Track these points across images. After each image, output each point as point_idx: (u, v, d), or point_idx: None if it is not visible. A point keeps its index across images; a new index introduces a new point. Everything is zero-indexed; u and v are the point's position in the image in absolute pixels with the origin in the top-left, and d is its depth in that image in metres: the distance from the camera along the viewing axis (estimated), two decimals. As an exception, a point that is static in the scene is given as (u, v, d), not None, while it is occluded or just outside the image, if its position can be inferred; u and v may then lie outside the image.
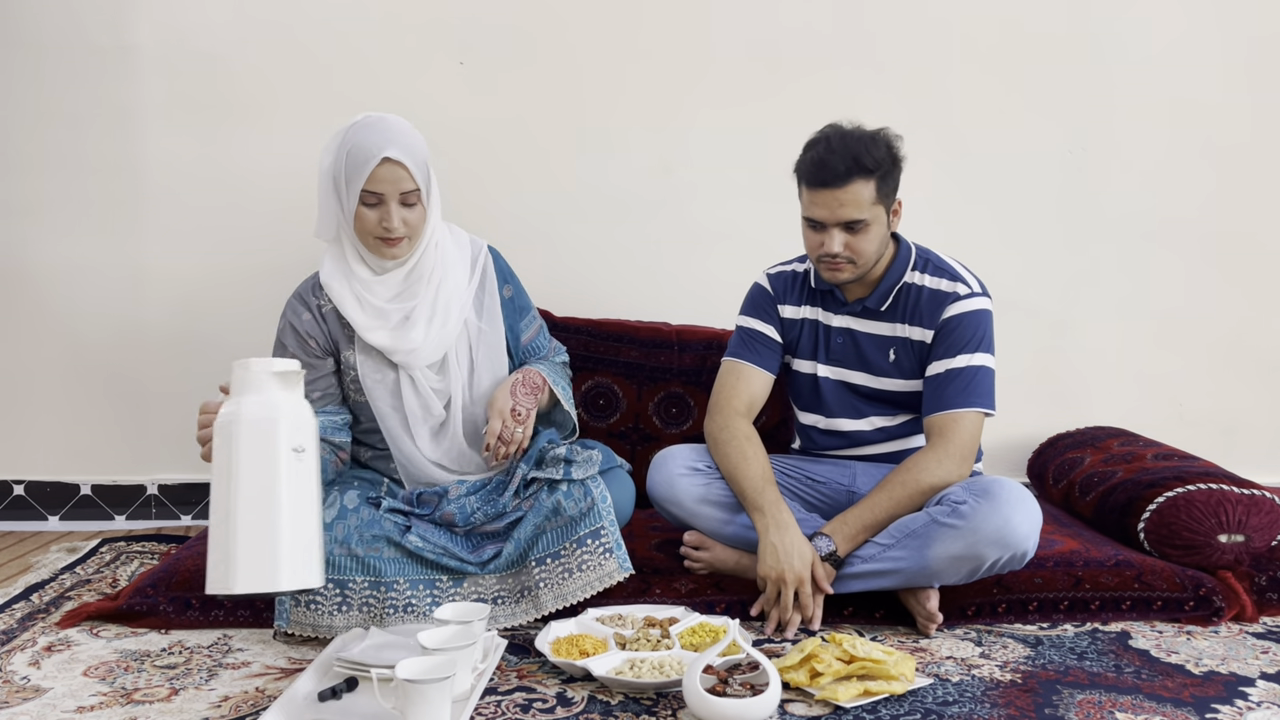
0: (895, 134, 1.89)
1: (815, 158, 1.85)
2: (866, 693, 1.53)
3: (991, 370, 1.91)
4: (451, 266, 1.90)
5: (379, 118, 1.79)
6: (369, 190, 1.75)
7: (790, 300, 2.06)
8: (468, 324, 1.92)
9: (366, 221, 1.78)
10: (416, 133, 1.82)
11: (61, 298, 2.61)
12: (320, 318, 1.89)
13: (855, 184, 1.83)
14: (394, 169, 1.75)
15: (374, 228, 1.78)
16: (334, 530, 1.77)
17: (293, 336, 1.89)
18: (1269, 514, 2.00)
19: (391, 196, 1.76)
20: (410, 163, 1.76)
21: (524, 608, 1.81)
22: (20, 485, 2.65)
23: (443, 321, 1.86)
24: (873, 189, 1.84)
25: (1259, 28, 2.74)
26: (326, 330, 1.90)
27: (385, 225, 1.77)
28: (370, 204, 1.77)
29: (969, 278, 1.95)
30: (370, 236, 1.80)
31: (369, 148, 1.74)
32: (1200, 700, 1.57)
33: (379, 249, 1.81)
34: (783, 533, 1.81)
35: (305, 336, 1.89)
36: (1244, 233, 2.79)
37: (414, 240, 1.84)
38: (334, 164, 1.79)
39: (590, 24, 2.64)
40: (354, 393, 1.92)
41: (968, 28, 2.70)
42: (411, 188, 1.77)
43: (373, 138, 1.75)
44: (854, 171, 1.82)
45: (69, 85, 2.56)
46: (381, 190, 1.75)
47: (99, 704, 1.52)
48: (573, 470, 1.85)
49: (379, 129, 1.76)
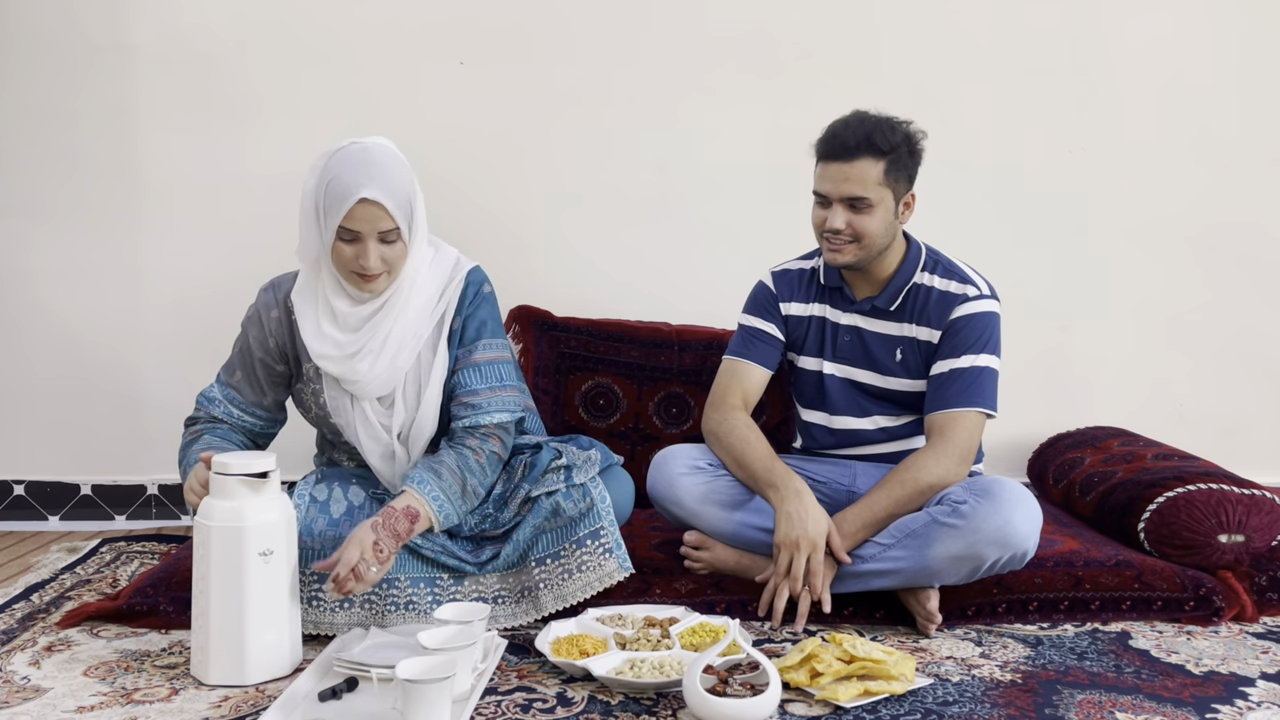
0: (920, 130, 1.91)
1: (831, 131, 1.89)
2: (866, 693, 1.53)
3: (995, 372, 1.91)
4: (419, 297, 1.80)
5: (361, 149, 1.71)
6: (345, 228, 1.68)
7: (797, 297, 2.07)
8: (421, 358, 1.82)
9: (343, 257, 1.72)
10: (400, 164, 1.74)
11: (61, 298, 2.61)
12: (289, 322, 1.84)
13: (863, 160, 1.85)
14: (371, 209, 1.68)
15: (350, 263, 1.72)
16: (340, 527, 1.77)
17: (256, 329, 1.85)
18: (1269, 514, 2.00)
19: (369, 235, 1.69)
20: (389, 202, 1.68)
21: (524, 608, 1.81)
22: (20, 485, 2.65)
23: (392, 356, 1.77)
24: (881, 170, 1.85)
25: (1253, 25, 2.74)
26: (291, 337, 1.84)
27: (362, 263, 1.70)
28: (347, 240, 1.70)
29: (979, 280, 1.96)
30: (348, 272, 1.74)
31: (348, 184, 1.67)
32: (1200, 700, 1.57)
33: (356, 283, 1.75)
34: (799, 499, 1.80)
35: (267, 334, 1.84)
36: (1245, 233, 2.79)
37: (393, 275, 1.76)
38: (315, 190, 1.72)
39: (590, 24, 2.64)
40: (314, 407, 1.88)
41: (967, 29, 2.69)
42: (390, 226, 1.70)
43: (353, 174, 1.67)
44: (864, 148, 1.84)
45: (67, 85, 2.56)
46: (358, 229, 1.68)
47: (99, 704, 1.52)
48: (573, 473, 1.85)
49: (360, 164, 1.68)
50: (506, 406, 1.84)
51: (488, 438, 1.81)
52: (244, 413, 1.87)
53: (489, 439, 1.81)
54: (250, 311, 1.87)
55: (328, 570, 1.66)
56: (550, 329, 2.52)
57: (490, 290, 1.90)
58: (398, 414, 1.82)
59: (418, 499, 1.72)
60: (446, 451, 1.78)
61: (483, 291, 1.87)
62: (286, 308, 1.84)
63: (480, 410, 1.81)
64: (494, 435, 1.82)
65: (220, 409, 1.86)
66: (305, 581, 1.74)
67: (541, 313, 2.55)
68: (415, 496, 1.72)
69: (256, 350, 1.85)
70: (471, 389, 1.82)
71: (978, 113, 2.71)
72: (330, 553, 1.74)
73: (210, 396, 1.87)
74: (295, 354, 1.85)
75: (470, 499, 1.78)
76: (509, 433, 1.86)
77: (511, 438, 1.87)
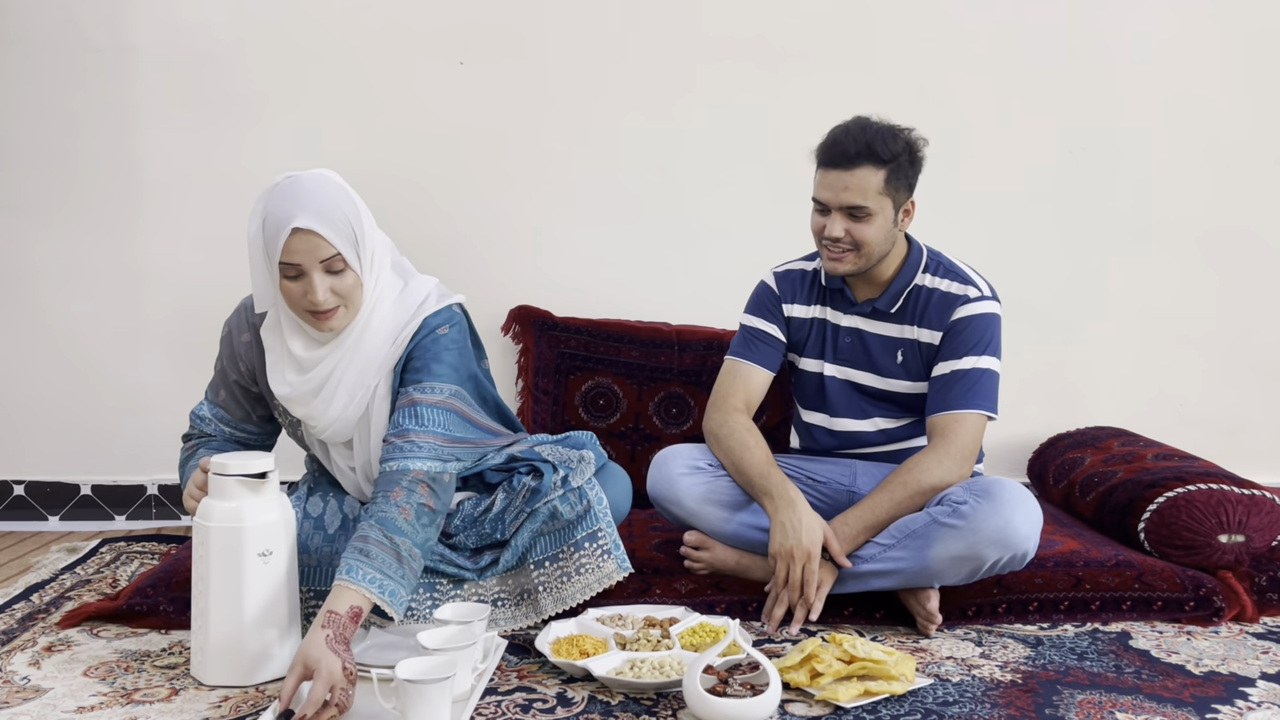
0: (921, 136, 1.90)
1: (831, 138, 1.89)
2: (867, 693, 1.53)
3: (996, 374, 1.91)
4: (369, 345, 1.71)
5: (293, 181, 1.63)
6: (285, 263, 1.60)
7: (799, 299, 2.07)
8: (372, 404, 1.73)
9: (292, 295, 1.64)
10: (337, 189, 1.65)
11: (61, 298, 2.61)
12: (258, 348, 1.78)
13: (863, 169, 1.84)
14: (307, 238, 1.59)
15: (300, 300, 1.63)
16: (337, 543, 1.77)
17: (228, 349, 1.82)
18: (1269, 514, 2.00)
19: (311, 266, 1.60)
20: (324, 228, 1.59)
21: (524, 611, 1.81)
22: (20, 485, 2.65)
23: (344, 404, 1.70)
24: (881, 179, 1.85)
25: (1256, 24, 2.74)
26: (262, 363, 1.78)
27: (310, 299, 1.61)
28: (291, 276, 1.62)
29: (980, 281, 1.95)
30: (302, 311, 1.66)
31: (280, 218, 1.59)
32: (1200, 700, 1.57)
33: (312, 322, 1.66)
34: (791, 510, 1.80)
35: (238, 357, 1.80)
36: (1245, 233, 2.79)
37: (351, 309, 1.67)
38: (257, 232, 1.64)
39: (590, 24, 2.64)
40: (289, 426, 1.86)
41: (967, 27, 2.69)
42: (330, 254, 1.60)
43: (284, 206, 1.60)
44: (864, 156, 1.84)
45: (67, 85, 2.56)
46: (298, 260, 1.60)
47: (99, 704, 1.52)
48: (569, 477, 1.83)
49: (290, 195, 1.60)
50: (437, 454, 1.67)
51: (414, 488, 1.62)
52: (234, 430, 1.86)
53: (415, 489, 1.62)
54: (224, 330, 1.83)
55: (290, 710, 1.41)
56: (550, 329, 2.52)
57: (449, 332, 1.74)
58: (358, 455, 1.79)
59: (357, 592, 1.51)
60: (367, 520, 1.59)
61: (437, 334, 1.73)
62: (257, 333, 1.78)
63: (404, 454, 1.65)
64: (422, 484, 1.63)
65: (212, 427, 1.85)
66: (303, 598, 1.73)
67: (541, 313, 2.55)
68: (352, 590, 1.51)
69: (230, 372, 1.82)
70: (402, 428, 1.67)
71: (978, 112, 2.71)
72: (328, 568, 1.74)
73: (201, 415, 1.86)
74: (265, 380, 1.78)
75: (410, 564, 1.58)
76: (440, 485, 1.66)
77: (447, 493, 1.69)
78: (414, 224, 2.48)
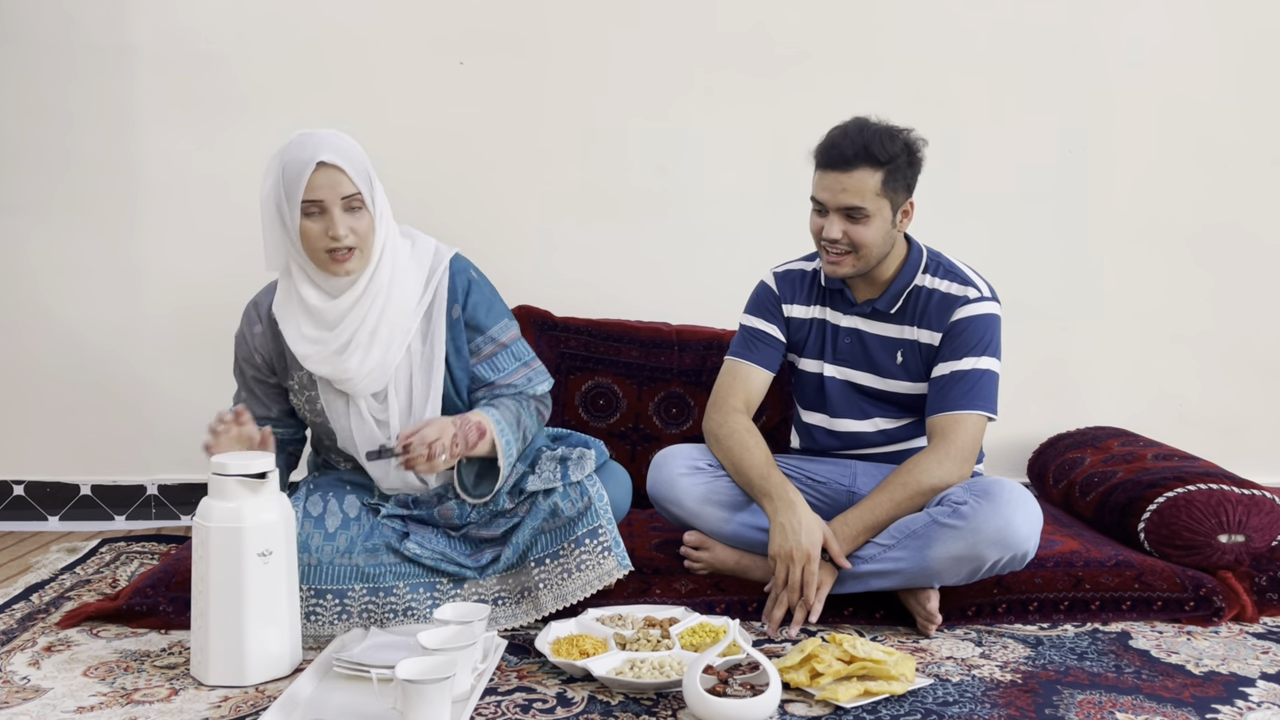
0: (920, 137, 1.90)
1: (829, 139, 1.88)
2: (867, 693, 1.53)
3: (996, 375, 1.91)
4: (402, 286, 1.80)
5: (310, 132, 1.73)
6: (309, 200, 1.68)
7: (799, 300, 2.07)
8: (411, 350, 1.82)
9: (311, 236, 1.70)
10: (354, 142, 1.75)
11: (61, 298, 2.61)
12: (273, 335, 1.84)
13: (861, 171, 1.84)
14: (330, 173, 1.68)
15: (320, 240, 1.70)
16: (336, 541, 1.78)
17: (243, 347, 1.88)
18: (1269, 514, 2.00)
19: (333, 203, 1.69)
20: (347, 166, 1.70)
21: (524, 609, 1.81)
22: (20, 485, 2.65)
23: (383, 350, 1.77)
24: (878, 180, 1.85)
25: (1253, 26, 2.74)
26: (279, 349, 1.84)
27: (331, 235, 1.69)
28: (312, 214, 1.69)
29: (980, 282, 1.95)
30: (320, 253, 1.71)
31: (302, 158, 1.68)
32: (1200, 700, 1.57)
33: (329, 265, 1.72)
34: (791, 511, 1.80)
35: (253, 350, 1.86)
36: (1244, 233, 2.79)
37: (365, 253, 1.75)
38: (274, 186, 1.72)
39: (591, 24, 2.64)
40: (310, 414, 1.88)
41: (966, 29, 2.69)
42: (352, 191, 1.70)
43: (305, 149, 1.69)
44: (861, 158, 1.84)
45: (67, 84, 2.56)
46: (321, 196, 1.68)
47: (99, 704, 1.52)
48: (570, 471, 1.84)
49: (310, 141, 1.70)
50: (544, 376, 1.94)
51: (528, 404, 1.89)
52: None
53: (530, 404, 1.90)
54: (236, 333, 1.89)
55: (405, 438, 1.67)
56: (550, 329, 2.52)
57: (479, 272, 1.91)
58: (392, 408, 1.81)
59: (485, 418, 1.77)
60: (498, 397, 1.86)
61: (473, 277, 1.89)
62: (270, 321, 1.84)
63: (518, 386, 1.90)
64: (537, 400, 1.92)
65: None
66: (302, 597, 1.74)
67: (541, 313, 2.55)
68: (482, 416, 1.77)
69: (247, 369, 1.88)
70: (509, 371, 1.90)
71: (977, 113, 2.71)
72: (328, 567, 1.75)
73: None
74: (284, 365, 1.86)
75: (521, 437, 1.83)
76: (546, 402, 1.95)
77: (548, 408, 1.95)
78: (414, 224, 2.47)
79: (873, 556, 1.82)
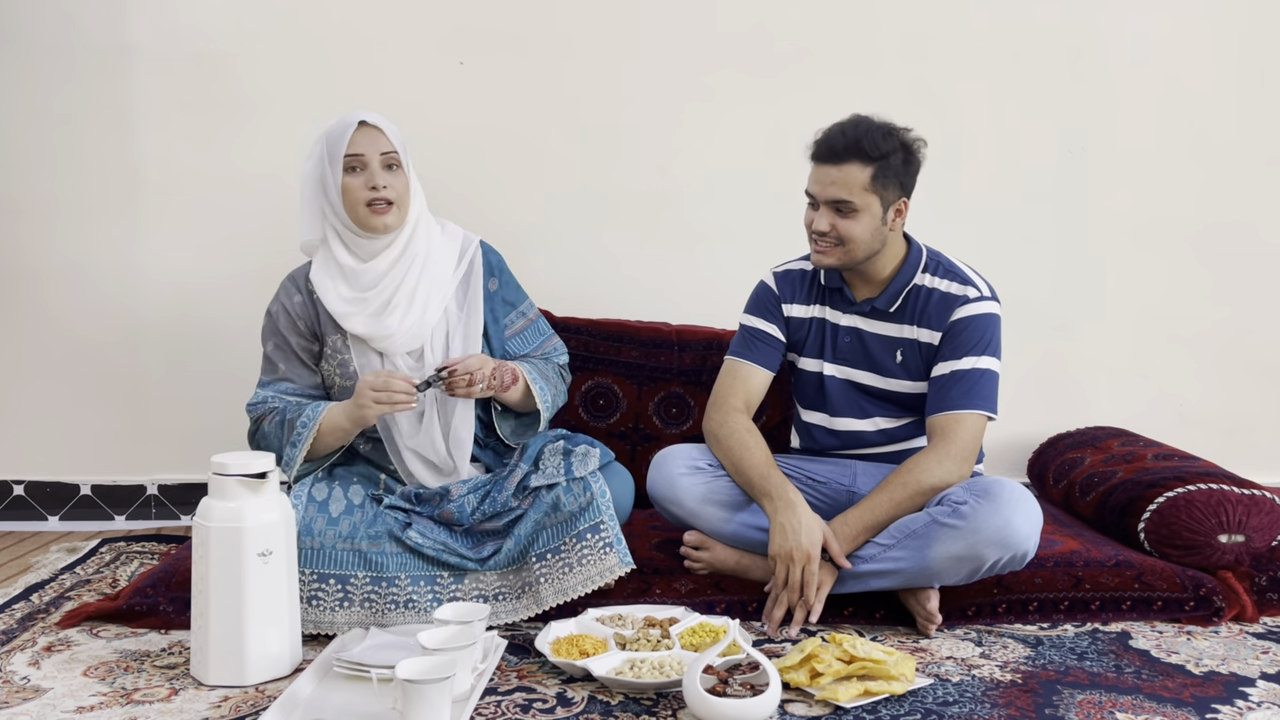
0: (919, 138, 1.91)
1: (823, 134, 1.91)
2: (866, 693, 1.53)
3: (996, 374, 1.91)
4: (437, 254, 1.94)
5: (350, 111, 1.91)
6: (351, 155, 1.84)
7: (798, 299, 2.07)
8: (448, 313, 1.94)
9: (352, 190, 1.84)
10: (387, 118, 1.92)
11: (61, 298, 2.61)
12: (311, 302, 1.94)
13: (850, 165, 1.86)
14: (370, 131, 1.86)
15: (360, 192, 1.84)
16: (339, 526, 1.79)
17: (284, 317, 1.94)
18: (1269, 514, 2.00)
19: (372, 157, 1.85)
20: (386, 129, 1.88)
21: (525, 603, 1.82)
22: (20, 485, 2.65)
23: (421, 309, 1.89)
24: (868, 175, 1.86)
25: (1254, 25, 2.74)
26: (316, 315, 1.94)
27: (371, 186, 1.83)
28: (353, 170, 1.85)
29: (979, 282, 1.96)
30: (360, 206, 1.84)
31: (346, 121, 1.86)
32: (1200, 700, 1.57)
33: (369, 220, 1.85)
34: (791, 511, 1.80)
35: (295, 318, 1.94)
36: (1244, 233, 2.79)
37: (402, 211, 1.88)
38: (317, 160, 1.88)
39: (590, 24, 2.64)
40: (340, 378, 1.93)
41: (966, 30, 2.69)
42: (391, 149, 1.87)
43: (348, 116, 1.88)
44: (851, 153, 1.85)
45: (67, 85, 2.56)
46: (362, 151, 1.84)
47: (99, 704, 1.52)
48: (573, 467, 1.85)
49: (351, 113, 1.89)
50: (564, 348, 2.12)
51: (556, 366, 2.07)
52: (302, 397, 1.93)
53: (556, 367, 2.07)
54: (274, 307, 1.96)
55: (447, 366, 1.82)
56: (550, 329, 2.52)
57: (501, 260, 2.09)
58: (430, 366, 1.90)
59: (518, 366, 1.94)
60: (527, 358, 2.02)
61: (502, 259, 2.07)
62: (308, 289, 1.94)
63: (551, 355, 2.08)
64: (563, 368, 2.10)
65: (277, 402, 1.90)
66: (304, 581, 1.74)
67: (541, 312, 2.54)
68: (516, 365, 1.94)
69: (291, 336, 1.94)
70: (536, 345, 2.06)
71: (977, 113, 2.71)
72: (330, 551, 1.76)
73: (260, 398, 1.92)
74: (320, 331, 1.95)
75: (550, 389, 1.99)
76: (568, 376, 2.12)
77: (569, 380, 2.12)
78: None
79: (873, 556, 1.82)
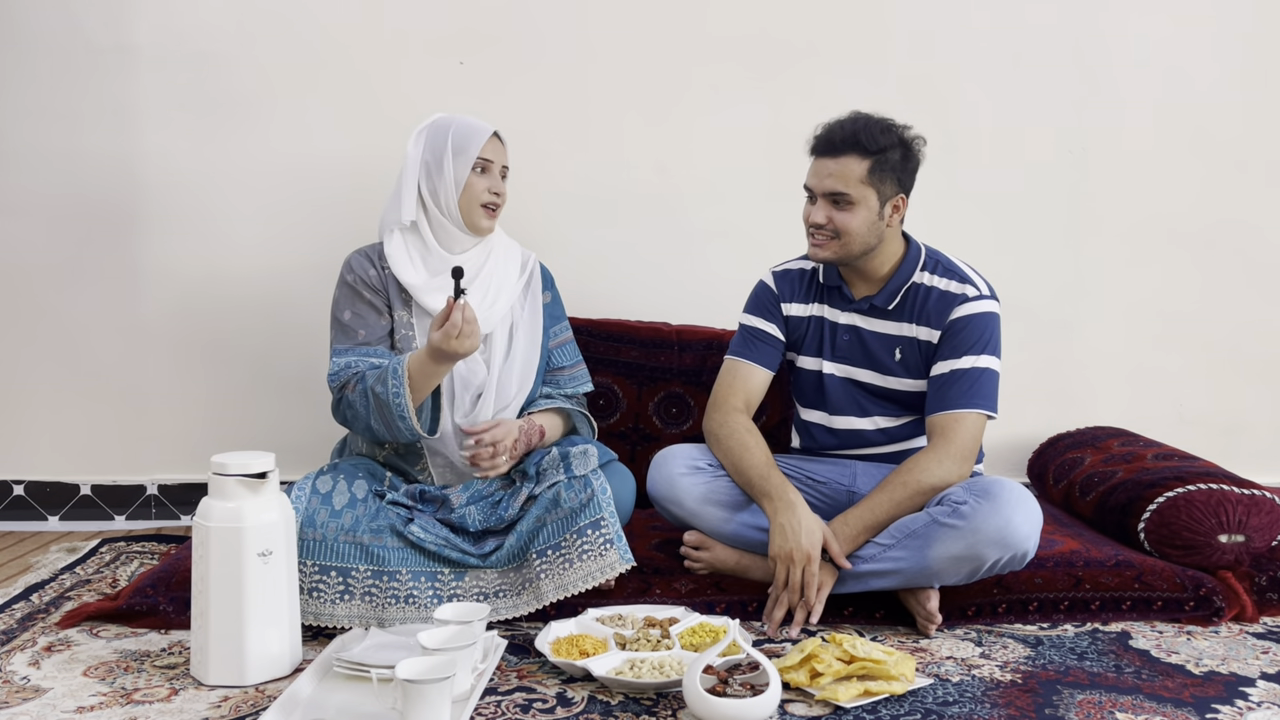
0: (919, 135, 1.92)
1: (823, 128, 1.93)
2: (866, 693, 1.53)
3: (996, 373, 1.91)
4: (506, 259, 2.07)
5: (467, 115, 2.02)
6: (483, 158, 1.96)
7: (798, 298, 2.07)
8: (513, 310, 2.05)
9: (475, 189, 1.96)
10: None
11: (61, 298, 2.61)
12: (384, 277, 2.01)
13: (847, 158, 1.87)
14: (499, 144, 2.01)
15: (482, 194, 1.97)
16: (342, 518, 1.80)
17: (363, 285, 1.99)
18: (1269, 514, 2.00)
19: (497, 166, 2.00)
20: (507, 145, 2.04)
21: (525, 599, 1.82)
22: (20, 485, 2.65)
23: (492, 300, 1.99)
24: (865, 169, 1.87)
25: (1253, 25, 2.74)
26: (387, 289, 2.01)
27: (493, 190, 1.98)
28: (481, 171, 1.97)
29: (978, 280, 1.96)
30: (476, 206, 1.97)
31: (477, 126, 1.98)
32: (1200, 700, 1.57)
33: (479, 220, 1.98)
34: (790, 512, 1.80)
35: (372, 286, 2.00)
36: (1244, 232, 2.79)
37: (498, 217, 2.03)
38: (431, 148, 1.96)
39: (589, 24, 2.64)
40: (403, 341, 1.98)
41: (966, 30, 2.69)
42: (507, 162, 2.03)
43: (476, 121, 1.99)
44: (849, 146, 1.87)
45: (68, 85, 2.56)
46: (491, 157, 1.98)
47: (99, 704, 1.52)
48: (572, 465, 1.86)
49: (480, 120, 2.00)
50: (587, 378, 2.17)
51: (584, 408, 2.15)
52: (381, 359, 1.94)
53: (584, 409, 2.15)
54: (349, 277, 2.00)
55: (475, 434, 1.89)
56: (550, 329, 2.52)
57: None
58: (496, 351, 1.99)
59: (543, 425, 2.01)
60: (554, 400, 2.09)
61: (552, 276, 2.19)
62: (382, 265, 2.01)
63: (572, 382, 2.14)
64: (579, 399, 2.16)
65: (362, 366, 1.92)
66: (305, 573, 1.75)
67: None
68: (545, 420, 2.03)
69: (369, 295, 1.99)
70: (561, 365, 2.14)
71: (977, 112, 2.71)
72: (332, 544, 1.77)
73: (340, 365, 1.93)
74: (389, 304, 2.01)
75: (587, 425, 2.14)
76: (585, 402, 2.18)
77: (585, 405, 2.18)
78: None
79: (873, 556, 1.82)
